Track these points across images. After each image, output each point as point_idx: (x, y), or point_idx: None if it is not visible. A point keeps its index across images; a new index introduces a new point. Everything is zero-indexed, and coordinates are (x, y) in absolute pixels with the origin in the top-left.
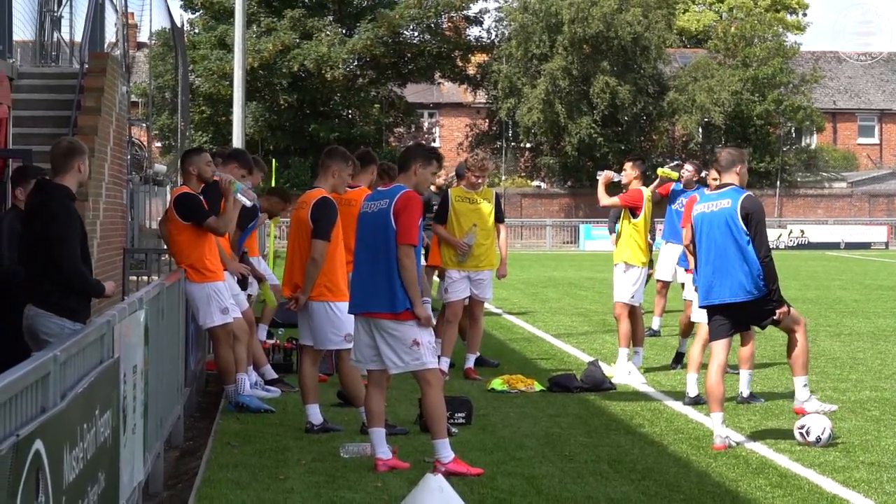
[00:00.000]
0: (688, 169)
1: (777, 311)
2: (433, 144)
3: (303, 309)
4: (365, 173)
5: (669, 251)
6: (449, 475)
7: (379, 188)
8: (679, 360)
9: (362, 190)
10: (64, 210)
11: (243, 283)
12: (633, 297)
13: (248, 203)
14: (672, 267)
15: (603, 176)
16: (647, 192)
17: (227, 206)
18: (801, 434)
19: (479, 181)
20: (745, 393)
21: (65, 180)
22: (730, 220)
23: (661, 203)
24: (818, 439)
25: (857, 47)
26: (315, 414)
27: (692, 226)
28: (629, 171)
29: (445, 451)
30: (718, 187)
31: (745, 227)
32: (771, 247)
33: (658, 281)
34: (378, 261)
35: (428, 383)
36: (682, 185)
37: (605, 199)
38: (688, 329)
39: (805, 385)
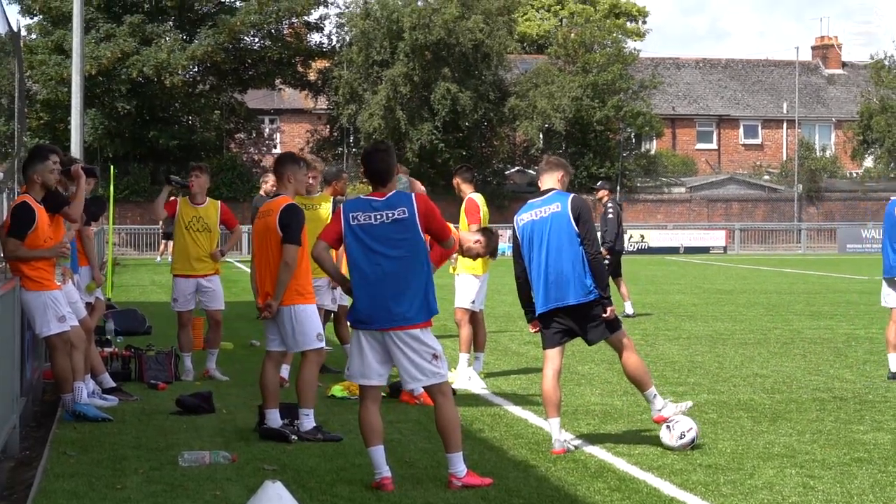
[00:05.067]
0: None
1: (607, 310)
2: (274, 151)
3: (275, 315)
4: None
5: None
6: (465, 489)
7: None
8: None
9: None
10: None
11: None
12: (473, 302)
13: None
14: None
15: None
16: (479, 198)
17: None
18: (667, 427)
19: (313, 182)
20: None
21: None
22: (563, 223)
23: None
24: (682, 435)
25: (860, 45)
26: (275, 418)
27: (514, 234)
28: (463, 186)
29: (460, 466)
30: (541, 193)
31: (577, 229)
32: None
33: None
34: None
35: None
36: None
37: (467, 238)
38: None
39: (655, 395)
